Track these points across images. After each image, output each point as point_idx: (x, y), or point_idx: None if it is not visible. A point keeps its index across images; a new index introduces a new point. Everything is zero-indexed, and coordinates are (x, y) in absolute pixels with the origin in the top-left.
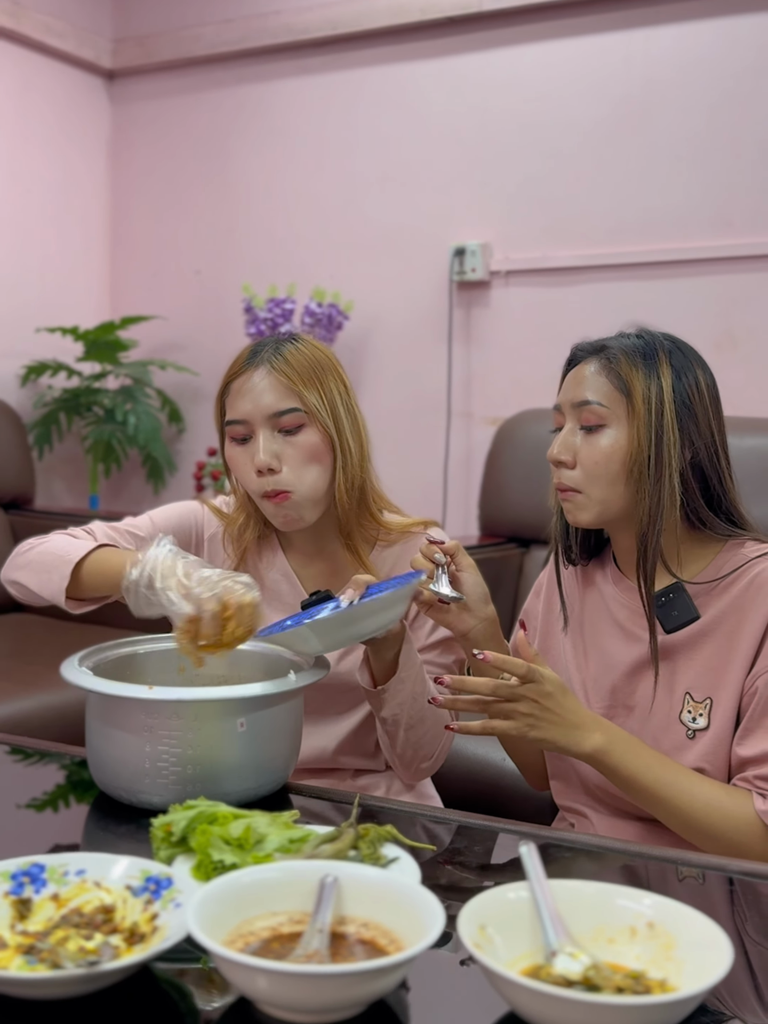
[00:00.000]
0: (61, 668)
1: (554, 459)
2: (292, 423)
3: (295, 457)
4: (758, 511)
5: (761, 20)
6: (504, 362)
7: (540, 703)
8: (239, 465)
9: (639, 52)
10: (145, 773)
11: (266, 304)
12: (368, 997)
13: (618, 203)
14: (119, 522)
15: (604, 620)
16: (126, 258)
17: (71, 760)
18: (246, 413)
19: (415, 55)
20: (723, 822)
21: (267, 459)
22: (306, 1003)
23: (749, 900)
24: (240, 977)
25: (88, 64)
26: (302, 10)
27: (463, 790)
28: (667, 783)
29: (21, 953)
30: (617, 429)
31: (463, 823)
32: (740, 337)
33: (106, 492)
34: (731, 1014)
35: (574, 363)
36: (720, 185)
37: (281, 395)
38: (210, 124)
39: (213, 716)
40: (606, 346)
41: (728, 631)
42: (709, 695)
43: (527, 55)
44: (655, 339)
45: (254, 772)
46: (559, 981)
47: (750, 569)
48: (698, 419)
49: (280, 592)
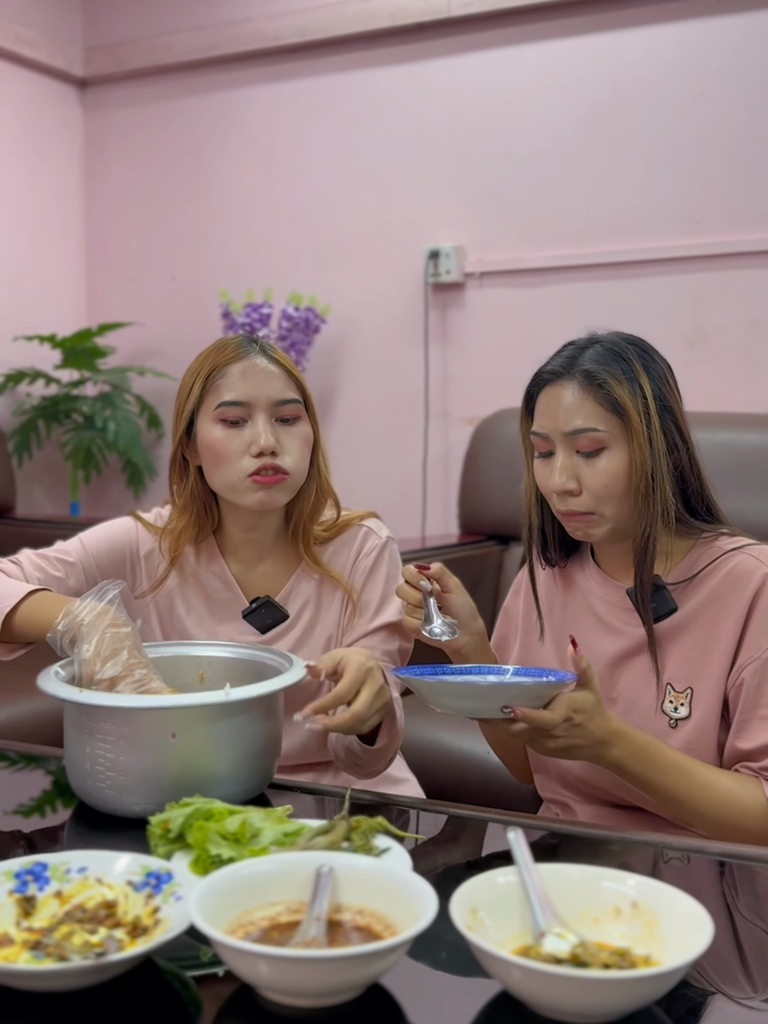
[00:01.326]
0: (39, 676)
1: (562, 489)
2: (292, 413)
3: (294, 444)
4: (731, 505)
5: (726, 23)
6: (480, 362)
7: (574, 727)
8: (227, 448)
9: (607, 56)
10: (87, 774)
11: (244, 309)
12: (365, 980)
13: (589, 204)
14: (49, 548)
15: (585, 615)
16: (102, 265)
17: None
18: (249, 396)
19: (386, 60)
20: (737, 814)
21: (273, 441)
22: (306, 987)
23: (743, 882)
24: (242, 964)
25: (60, 73)
26: (273, 17)
27: (449, 783)
28: (681, 787)
29: (28, 948)
30: (617, 449)
31: (451, 813)
32: (710, 334)
33: (86, 498)
34: (716, 989)
35: (541, 385)
36: (688, 186)
37: (285, 384)
38: (183, 130)
39: (143, 725)
40: (579, 365)
41: (706, 623)
42: (690, 685)
43: (497, 59)
44: (618, 345)
45: (190, 784)
46: (548, 960)
47: (726, 562)
48: (676, 415)
49: (221, 599)
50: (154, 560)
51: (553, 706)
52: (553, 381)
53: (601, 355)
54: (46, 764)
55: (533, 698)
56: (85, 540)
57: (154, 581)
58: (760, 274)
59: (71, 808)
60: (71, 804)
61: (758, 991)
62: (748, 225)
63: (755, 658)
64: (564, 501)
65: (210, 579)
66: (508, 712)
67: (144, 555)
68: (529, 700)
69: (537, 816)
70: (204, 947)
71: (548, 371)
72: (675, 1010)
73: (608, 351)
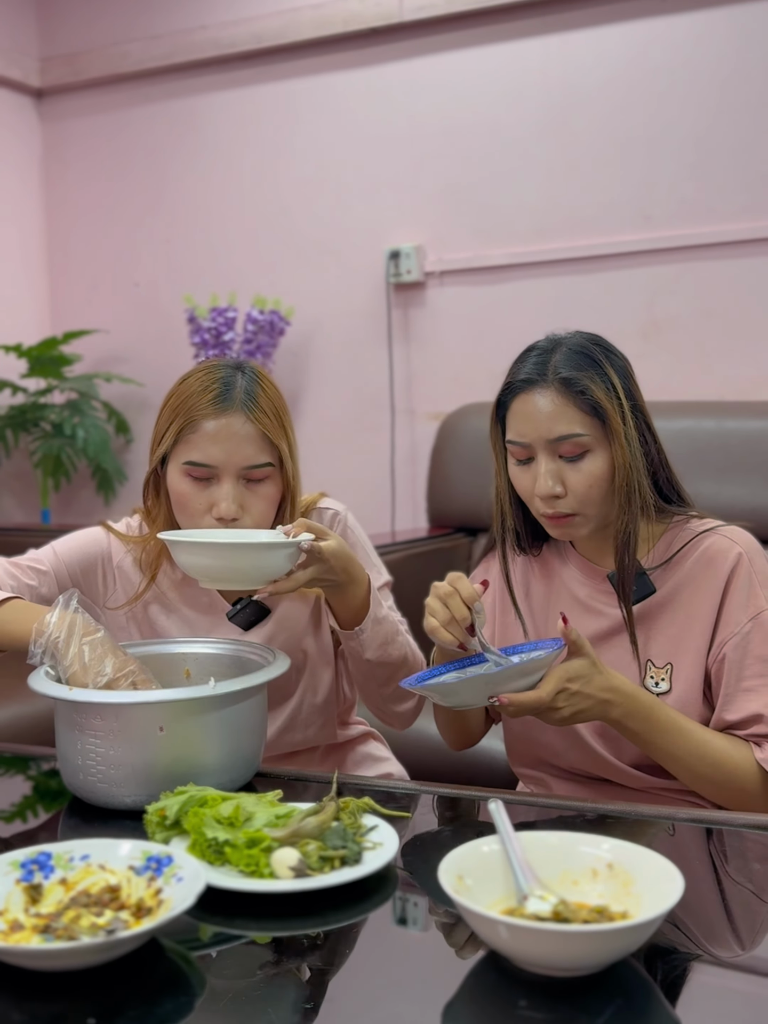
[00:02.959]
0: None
1: (548, 495)
2: (261, 475)
3: (257, 506)
4: (691, 490)
5: (671, 23)
6: (443, 359)
7: (573, 695)
8: (190, 503)
9: (556, 57)
10: (79, 769)
11: (209, 313)
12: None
13: (543, 202)
14: (22, 556)
15: (564, 598)
16: (64, 273)
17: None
18: (217, 461)
19: (341, 65)
20: (730, 774)
21: (234, 509)
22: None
23: (732, 847)
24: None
25: (16, 84)
26: (227, 25)
27: (428, 764)
28: (679, 745)
29: (38, 933)
30: (599, 451)
31: (434, 792)
32: (664, 325)
33: (57, 505)
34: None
35: (514, 392)
36: (639, 182)
37: (258, 449)
38: (142, 138)
39: (132, 720)
40: (550, 371)
41: (684, 601)
42: (670, 661)
43: (450, 62)
44: (584, 347)
45: (179, 775)
46: (532, 920)
47: (699, 543)
48: (641, 408)
49: (201, 604)
50: (127, 571)
51: (542, 684)
52: (527, 389)
53: (572, 359)
54: (37, 763)
55: (517, 679)
56: (57, 549)
57: (132, 593)
58: (710, 266)
59: (64, 803)
60: (64, 800)
61: (721, 946)
62: (698, 219)
63: (735, 633)
64: (549, 504)
65: (188, 584)
66: (494, 702)
67: (116, 564)
68: (514, 684)
69: (515, 791)
70: (204, 926)
71: (521, 379)
72: (657, 968)
73: (577, 354)
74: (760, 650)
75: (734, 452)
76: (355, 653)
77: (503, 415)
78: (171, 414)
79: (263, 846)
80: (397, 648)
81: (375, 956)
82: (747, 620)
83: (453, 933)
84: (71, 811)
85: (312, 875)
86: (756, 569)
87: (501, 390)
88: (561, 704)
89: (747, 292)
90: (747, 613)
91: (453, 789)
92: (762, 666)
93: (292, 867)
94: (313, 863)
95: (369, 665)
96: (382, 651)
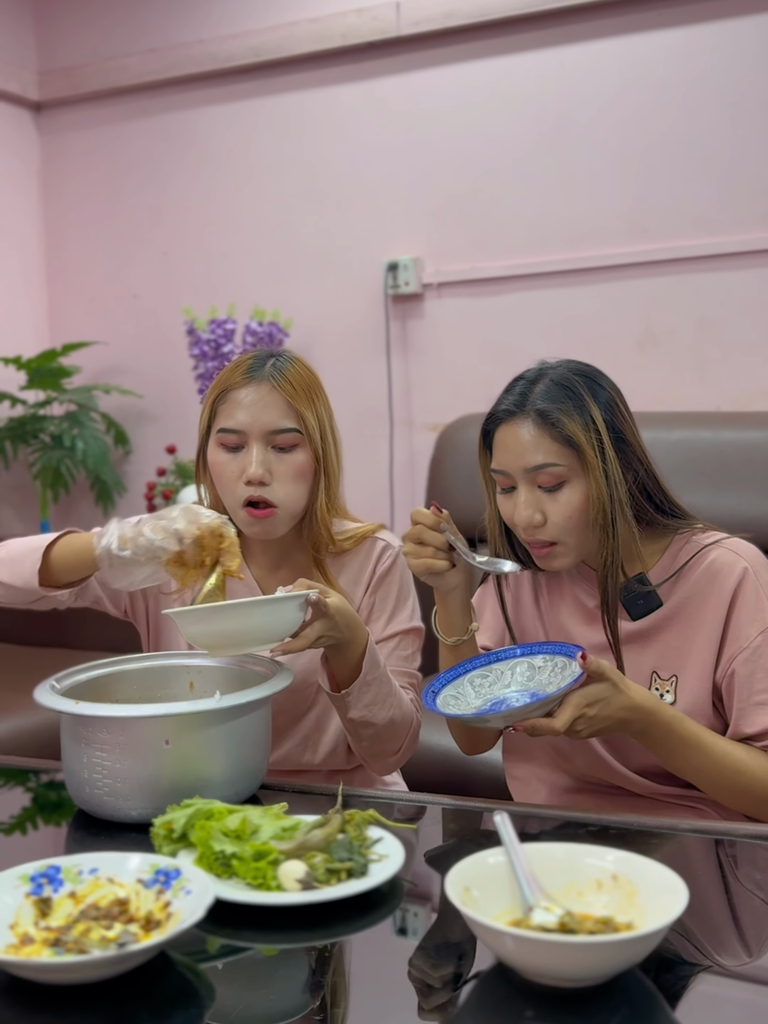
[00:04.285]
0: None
1: (528, 524)
2: (288, 442)
3: (286, 474)
4: (687, 500)
5: (665, 37)
6: (441, 370)
7: (592, 719)
8: (224, 471)
9: (552, 71)
10: (85, 782)
11: (208, 325)
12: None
13: (540, 215)
14: None
15: (570, 607)
16: (63, 285)
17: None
18: (244, 425)
19: (338, 79)
20: (748, 784)
21: (261, 472)
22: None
23: (736, 856)
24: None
25: (15, 97)
26: (225, 39)
27: (431, 777)
28: (701, 759)
29: (48, 946)
30: (576, 482)
31: (439, 804)
32: (660, 336)
33: (56, 517)
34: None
35: (497, 422)
36: (635, 194)
37: (282, 413)
38: (140, 151)
39: (138, 733)
40: (530, 402)
41: (689, 614)
42: (675, 673)
43: (446, 76)
44: (566, 379)
45: (185, 788)
46: (538, 931)
47: (704, 557)
48: (628, 440)
49: None
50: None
51: (559, 713)
52: (507, 420)
53: (551, 391)
54: (41, 776)
55: (535, 711)
56: None
57: None
58: (706, 277)
59: (68, 817)
60: (70, 813)
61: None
62: (694, 231)
63: (744, 647)
64: (530, 532)
65: (232, 581)
66: (511, 730)
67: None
68: (532, 714)
69: (519, 802)
70: (211, 938)
71: (502, 410)
72: (662, 978)
73: (558, 386)
74: None
75: (730, 463)
76: (340, 710)
77: (489, 444)
78: (211, 392)
79: (270, 859)
80: (386, 709)
81: (381, 967)
82: (756, 634)
83: (459, 944)
84: (77, 824)
85: (319, 887)
86: (762, 583)
87: (485, 419)
88: (580, 727)
89: (743, 304)
90: (755, 627)
91: (458, 801)
92: None
93: (299, 879)
94: (320, 875)
95: (352, 724)
96: (367, 711)
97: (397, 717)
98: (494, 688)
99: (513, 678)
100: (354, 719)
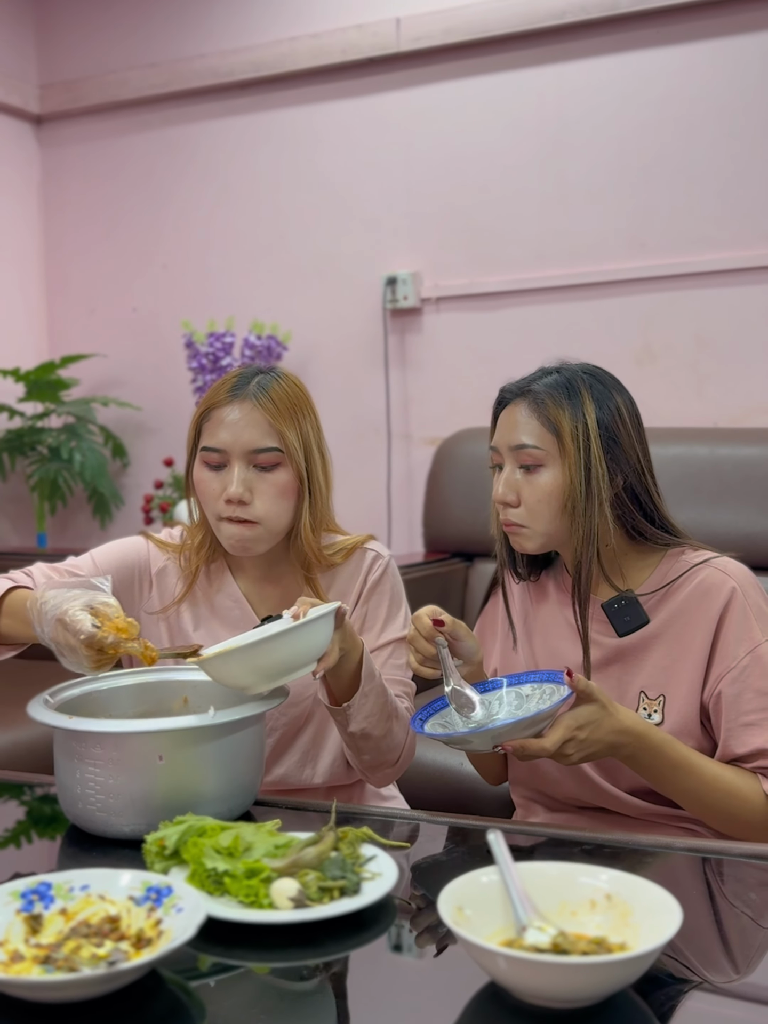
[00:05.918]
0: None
1: (501, 500)
2: (269, 461)
3: (267, 492)
4: (684, 516)
5: (664, 54)
6: (439, 384)
7: (583, 743)
8: (207, 489)
9: (552, 87)
10: (78, 798)
11: (207, 339)
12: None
13: (539, 230)
14: (61, 562)
15: (559, 626)
16: (62, 298)
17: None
18: (225, 444)
19: (338, 94)
20: (739, 806)
21: (240, 491)
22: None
23: (730, 875)
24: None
25: (15, 110)
26: (225, 53)
27: (427, 794)
28: (690, 783)
29: (38, 963)
30: (553, 468)
31: (432, 821)
32: (658, 352)
33: (53, 529)
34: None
35: (503, 404)
36: (633, 211)
37: (263, 432)
38: (140, 165)
39: (131, 749)
40: (531, 388)
41: (677, 633)
42: (662, 692)
43: (446, 92)
44: (575, 374)
45: (178, 804)
46: (531, 951)
47: (693, 576)
48: (623, 446)
49: (231, 617)
50: (167, 577)
51: (548, 733)
52: (509, 400)
53: (556, 381)
54: (35, 790)
55: (523, 731)
56: (96, 556)
57: (169, 598)
58: (704, 293)
59: (61, 832)
60: (63, 827)
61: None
62: (692, 247)
63: (731, 668)
64: (504, 511)
65: (220, 597)
66: (499, 750)
67: (156, 573)
68: (520, 734)
69: (513, 820)
70: (203, 956)
71: (506, 390)
72: (656, 999)
73: (563, 379)
74: (759, 684)
75: (727, 479)
76: (340, 724)
77: (494, 426)
78: (197, 409)
79: (262, 876)
80: (384, 720)
81: (374, 987)
82: (744, 655)
83: (452, 964)
84: (69, 840)
85: (311, 906)
86: (750, 603)
87: (495, 402)
88: (570, 751)
89: (740, 320)
90: (743, 648)
91: (452, 819)
92: (762, 700)
93: (291, 898)
94: (312, 894)
95: (352, 737)
96: (367, 723)
97: (395, 727)
98: (479, 716)
99: (501, 707)
100: (354, 732)
